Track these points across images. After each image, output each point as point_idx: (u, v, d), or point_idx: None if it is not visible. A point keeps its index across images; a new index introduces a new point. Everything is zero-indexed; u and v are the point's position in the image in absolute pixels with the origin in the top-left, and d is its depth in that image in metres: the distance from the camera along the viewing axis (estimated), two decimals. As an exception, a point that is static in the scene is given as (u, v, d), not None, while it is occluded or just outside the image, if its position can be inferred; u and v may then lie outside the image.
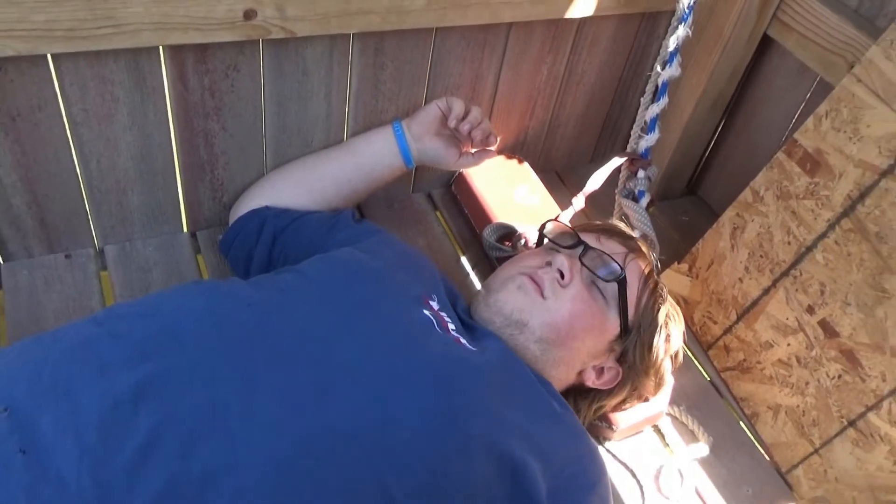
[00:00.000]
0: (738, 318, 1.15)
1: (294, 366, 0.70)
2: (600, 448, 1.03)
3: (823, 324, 1.03)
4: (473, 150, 1.13)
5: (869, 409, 0.99)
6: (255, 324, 0.73)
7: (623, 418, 1.03)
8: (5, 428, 0.61)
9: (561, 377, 0.92)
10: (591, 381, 0.94)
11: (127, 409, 0.62)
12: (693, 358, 1.20)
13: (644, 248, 0.99)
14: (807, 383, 1.06)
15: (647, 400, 1.01)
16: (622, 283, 0.90)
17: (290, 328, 0.74)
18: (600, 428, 1.04)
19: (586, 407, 0.97)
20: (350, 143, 1.13)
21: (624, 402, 0.98)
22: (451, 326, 0.84)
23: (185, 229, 1.17)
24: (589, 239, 0.94)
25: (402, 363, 0.74)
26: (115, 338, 0.70)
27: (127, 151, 1.02)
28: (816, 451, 1.05)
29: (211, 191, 1.13)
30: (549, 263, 0.92)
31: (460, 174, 1.32)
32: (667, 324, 0.95)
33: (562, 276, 0.89)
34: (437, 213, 1.32)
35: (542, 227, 1.00)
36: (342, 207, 1.10)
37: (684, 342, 1.21)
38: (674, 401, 1.10)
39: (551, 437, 0.79)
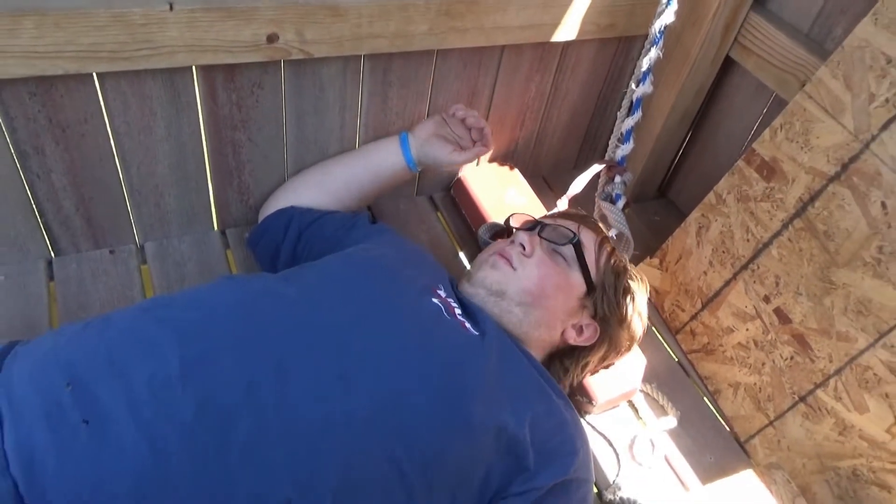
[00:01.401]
0: (703, 307, 1.16)
1: (317, 354, 0.70)
2: (581, 420, 1.03)
3: (778, 311, 1.03)
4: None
5: (817, 386, 0.99)
6: (285, 316, 0.73)
7: (602, 394, 1.03)
8: (69, 401, 0.61)
9: (545, 337, 0.92)
10: (573, 339, 0.93)
11: (176, 387, 0.63)
12: (663, 341, 1.20)
13: (599, 225, 1.02)
14: (763, 364, 1.06)
15: (628, 349, 1.00)
16: (577, 245, 0.93)
17: (315, 320, 0.74)
18: (581, 402, 1.04)
19: (574, 365, 0.96)
20: (361, 149, 1.13)
21: (605, 357, 0.98)
22: (458, 311, 0.85)
23: (215, 228, 1.16)
24: (546, 220, 0.98)
25: (412, 351, 0.74)
26: (160, 323, 0.70)
27: (164, 159, 1.02)
28: (771, 423, 1.05)
29: (238, 194, 1.13)
30: (513, 242, 0.95)
31: (458, 180, 1.31)
32: (628, 278, 0.96)
33: (523, 248, 0.92)
34: (438, 214, 1.32)
35: (507, 219, 1.02)
36: (354, 206, 1.10)
37: (655, 326, 1.21)
38: (646, 379, 1.10)
39: (541, 410, 0.80)
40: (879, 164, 0.89)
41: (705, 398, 1.14)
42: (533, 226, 0.97)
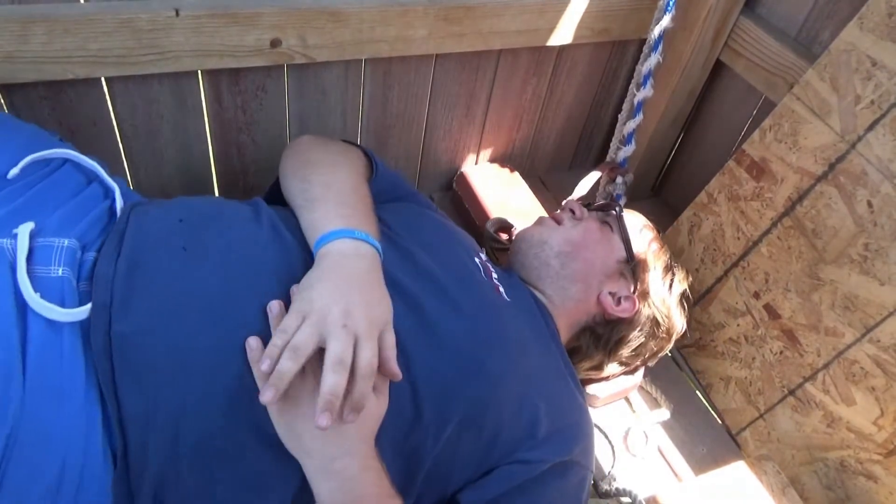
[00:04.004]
0: (695, 303, 1.16)
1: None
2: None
3: (767, 307, 1.04)
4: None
5: (806, 379, 0.99)
6: None
7: (602, 390, 1.03)
8: (178, 230, 0.70)
9: (580, 296, 0.90)
10: (610, 306, 0.90)
11: (262, 245, 0.71)
12: (656, 337, 1.20)
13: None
14: (753, 358, 1.06)
15: (667, 338, 0.96)
16: (620, 216, 0.96)
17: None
18: (586, 397, 1.03)
19: (607, 335, 0.92)
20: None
21: (640, 341, 0.93)
22: (494, 275, 0.85)
23: (221, 228, 1.16)
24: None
25: (454, 294, 0.75)
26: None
27: (171, 161, 1.02)
28: (761, 415, 1.06)
29: (243, 195, 1.13)
30: (563, 209, 0.98)
31: (461, 174, 1.31)
32: (670, 262, 0.97)
33: (573, 213, 0.96)
34: (437, 214, 1.32)
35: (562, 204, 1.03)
36: None
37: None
38: (640, 373, 1.10)
39: (559, 387, 0.81)
40: (865, 163, 0.89)
41: (697, 391, 1.14)
42: (584, 204, 1.01)
